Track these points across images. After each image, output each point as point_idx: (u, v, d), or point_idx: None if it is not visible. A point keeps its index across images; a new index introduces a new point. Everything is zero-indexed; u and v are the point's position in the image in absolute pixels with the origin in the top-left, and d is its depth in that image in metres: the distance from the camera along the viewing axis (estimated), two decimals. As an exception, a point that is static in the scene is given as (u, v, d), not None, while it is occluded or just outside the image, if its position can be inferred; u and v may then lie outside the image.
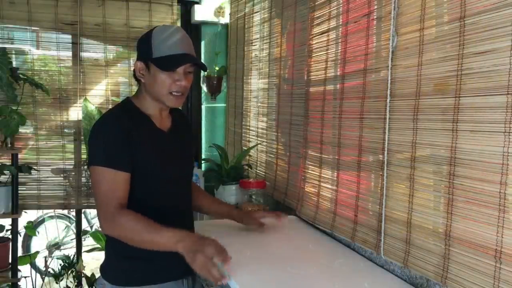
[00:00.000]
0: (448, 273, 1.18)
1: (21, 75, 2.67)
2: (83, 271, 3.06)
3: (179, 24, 3.11)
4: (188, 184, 1.69)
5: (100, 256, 3.78)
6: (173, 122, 1.61)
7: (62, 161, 2.97)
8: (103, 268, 1.57)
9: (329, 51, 1.75)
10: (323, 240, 1.79)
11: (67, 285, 3.05)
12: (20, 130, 2.64)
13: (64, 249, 3.92)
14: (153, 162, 1.49)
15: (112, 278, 1.52)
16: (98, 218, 1.43)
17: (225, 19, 3.06)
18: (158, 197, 1.51)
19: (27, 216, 3.41)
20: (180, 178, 1.62)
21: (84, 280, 3.03)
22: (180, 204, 1.60)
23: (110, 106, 2.87)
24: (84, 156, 2.97)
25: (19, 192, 2.73)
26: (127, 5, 3.01)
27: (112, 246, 1.55)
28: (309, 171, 1.96)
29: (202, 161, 3.18)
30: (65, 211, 4.05)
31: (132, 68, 1.92)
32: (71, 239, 3.98)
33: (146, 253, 1.47)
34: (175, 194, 1.58)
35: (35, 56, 2.93)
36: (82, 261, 3.08)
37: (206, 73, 3.06)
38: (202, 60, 3.18)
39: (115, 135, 1.43)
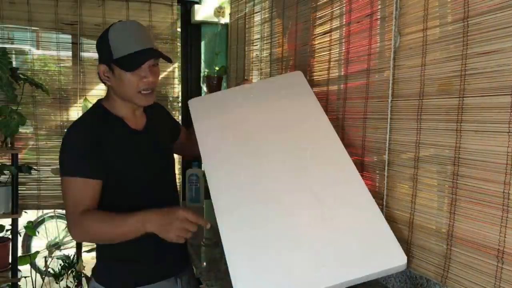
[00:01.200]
0: (448, 273, 1.19)
1: (21, 75, 2.67)
2: (83, 271, 3.05)
3: (179, 24, 3.12)
4: (171, 175, 1.65)
5: (100, 256, 3.79)
6: (148, 117, 1.57)
7: (62, 161, 2.97)
8: (94, 271, 1.55)
9: (331, 51, 1.75)
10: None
11: (67, 285, 3.05)
12: (20, 130, 2.63)
13: (64, 249, 3.90)
14: (132, 166, 1.46)
15: (104, 281, 1.50)
16: (67, 228, 1.38)
17: (225, 19, 3.06)
18: (142, 197, 1.47)
19: (27, 216, 3.39)
20: (162, 174, 1.59)
21: (84, 280, 3.02)
22: (165, 200, 1.54)
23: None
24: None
25: (19, 192, 2.72)
26: (127, 5, 3.00)
27: (102, 249, 1.53)
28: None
29: (203, 161, 3.17)
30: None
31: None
32: (71, 239, 3.97)
33: (136, 254, 1.48)
34: (159, 191, 1.55)
35: (35, 56, 2.91)
36: (82, 261, 3.07)
37: (206, 73, 3.06)
38: (202, 60, 3.18)
39: (84, 143, 1.38)
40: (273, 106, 1.61)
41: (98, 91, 3.02)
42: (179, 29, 3.12)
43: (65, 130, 2.83)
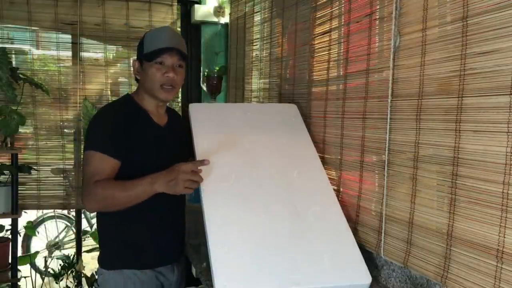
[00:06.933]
0: (448, 273, 1.19)
1: (21, 75, 2.67)
2: (83, 271, 3.05)
3: (179, 24, 3.12)
4: None
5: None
6: (169, 119, 1.71)
7: (62, 161, 2.97)
8: (99, 258, 1.64)
9: (331, 51, 1.75)
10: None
11: (67, 285, 3.05)
12: (20, 130, 2.64)
13: (64, 249, 3.91)
14: (151, 156, 1.56)
15: (108, 264, 1.59)
16: (82, 199, 1.48)
17: (225, 19, 3.06)
18: None
19: (27, 216, 3.40)
20: None
21: (84, 280, 3.02)
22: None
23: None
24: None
25: (19, 192, 2.73)
26: (127, 5, 3.01)
27: (104, 234, 1.63)
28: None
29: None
30: (65, 211, 4.04)
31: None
32: (71, 239, 3.97)
33: (138, 239, 1.59)
34: None
35: (35, 56, 2.92)
36: (82, 261, 3.07)
37: (206, 73, 3.06)
38: (202, 60, 3.18)
39: (112, 123, 1.51)
40: (267, 128, 1.81)
41: (98, 91, 3.02)
42: (179, 29, 3.12)
43: (65, 130, 2.94)
